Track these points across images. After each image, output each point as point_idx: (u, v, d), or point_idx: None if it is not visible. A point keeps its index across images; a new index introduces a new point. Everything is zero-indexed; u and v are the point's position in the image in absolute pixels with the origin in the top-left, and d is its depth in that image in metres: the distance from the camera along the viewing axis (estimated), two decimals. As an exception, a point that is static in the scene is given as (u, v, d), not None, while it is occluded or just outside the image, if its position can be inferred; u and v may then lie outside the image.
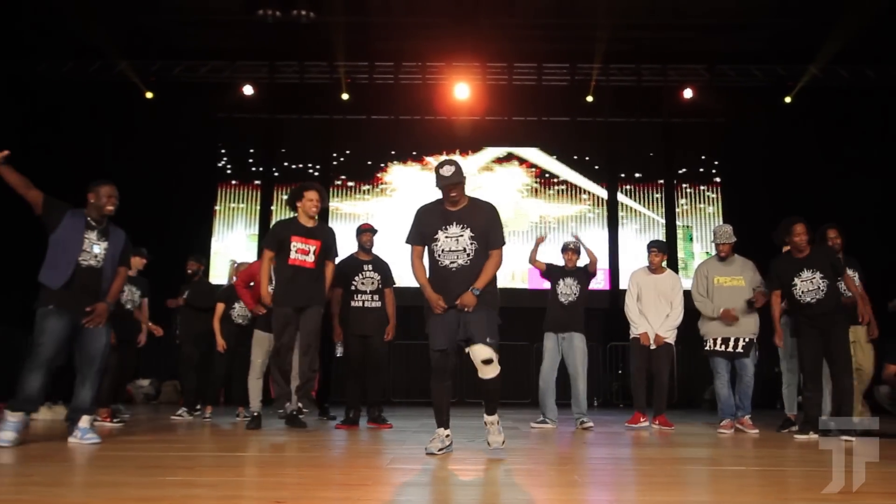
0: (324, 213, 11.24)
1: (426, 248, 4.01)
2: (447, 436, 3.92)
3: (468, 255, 3.90)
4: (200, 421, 6.47)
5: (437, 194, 3.99)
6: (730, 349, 5.79)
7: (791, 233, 5.10)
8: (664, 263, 6.27)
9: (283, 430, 5.37)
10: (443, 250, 3.91)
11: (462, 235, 3.91)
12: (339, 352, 5.91)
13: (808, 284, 5.05)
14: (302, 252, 5.18)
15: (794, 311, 5.20)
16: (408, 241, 4.09)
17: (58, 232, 4.34)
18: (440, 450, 3.83)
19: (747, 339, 5.78)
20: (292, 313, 5.17)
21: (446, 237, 3.92)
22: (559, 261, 6.33)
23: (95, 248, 4.42)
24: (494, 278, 3.94)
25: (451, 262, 3.89)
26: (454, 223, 3.93)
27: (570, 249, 6.26)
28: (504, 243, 3.99)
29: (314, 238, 5.23)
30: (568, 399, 6.57)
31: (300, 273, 5.16)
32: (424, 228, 3.99)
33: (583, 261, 6.29)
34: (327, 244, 5.31)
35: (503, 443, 3.80)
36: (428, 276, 4.02)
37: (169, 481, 3.04)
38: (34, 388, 4.19)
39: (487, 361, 3.75)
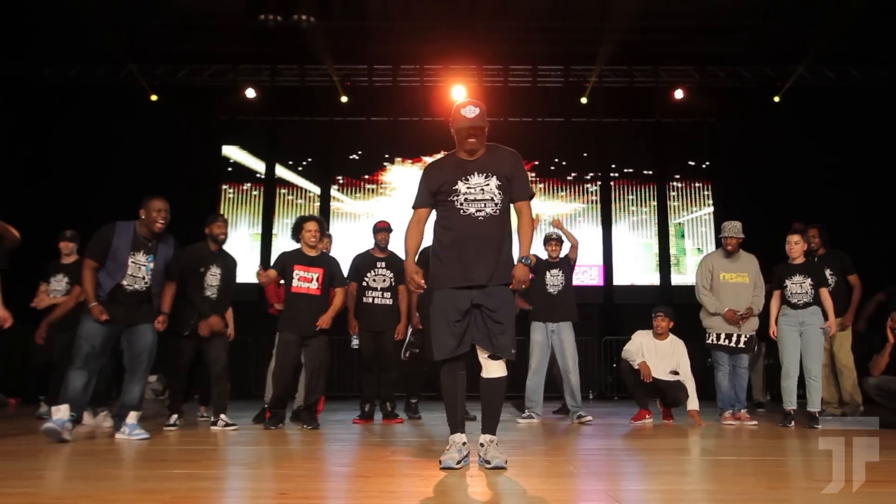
0: (325, 212, 11.55)
1: (439, 205, 3.39)
2: (464, 444, 3.29)
3: (496, 203, 3.30)
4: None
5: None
6: (732, 344, 5.91)
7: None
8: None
9: (287, 425, 5.43)
10: (465, 199, 3.30)
11: (488, 184, 3.31)
12: (355, 343, 6.05)
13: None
14: (304, 280, 5.28)
15: None
16: (413, 206, 3.46)
17: (109, 255, 4.42)
18: (458, 462, 3.19)
19: (749, 336, 5.92)
20: (296, 339, 5.24)
21: (468, 188, 3.31)
22: (542, 253, 6.37)
23: (143, 270, 4.47)
24: (512, 258, 3.38)
25: (478, 211, 3.28)
26: (475, 173, 3.33)
27: (553, 240, 6.29)
28: (533, 195, 3.47)
29: (316, 266, 5.32)
30: (555, 393, 6.72)
31: (303, 300, 5.25)
32: (438, 182, 3.35)
33: (564, 251, 6.33)
34: (330, 271, 5.38)
35: (506, 462, 3.21)
36: (440, 237, 3.37)
37: (175, 474, 3.10)
38: (77, 387, 4.27)
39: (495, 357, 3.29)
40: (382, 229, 6.14)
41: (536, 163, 11.87)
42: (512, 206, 3.44)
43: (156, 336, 4.59)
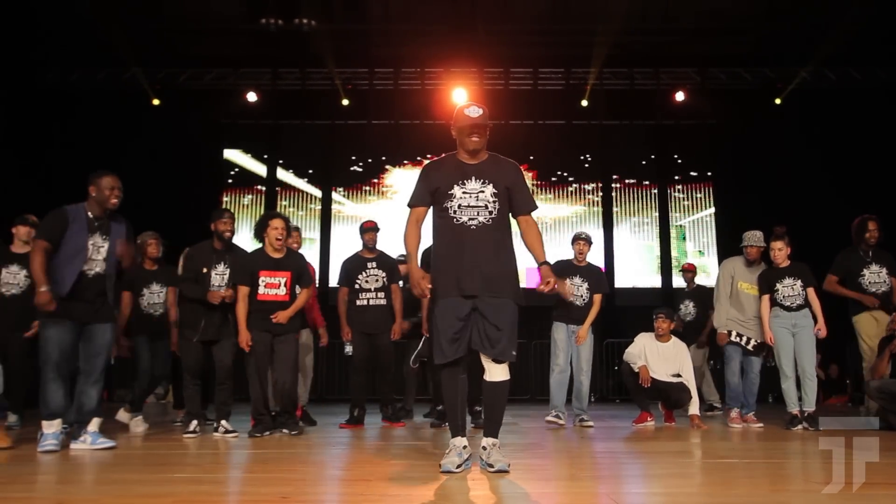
0: (326, 215, 11.56)
1: (434, 209, 3.37)
2: (465, 447, 3.25)
3: (490, 212, 3.25)
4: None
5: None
6: (742, 344, 5.88)
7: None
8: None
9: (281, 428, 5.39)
10: (459, 206, 3.26)
11: (483, 191, 3.26)
12: (348, 350, 5.98)
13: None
14: (271, 286, 5.00)
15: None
16: (410, 204, 3.42)
17: (64, 240, 4.07)
18: (458, 466, 3.14)
19: (759, 341, 5.85)
20: (265, 341, 5.00)
21: (464, 192, 3.27)
22: (569, 253, 6.07)
23: (102, 252, 4.18)
24: (515, 266, 3.31)
25: (470, 219, 3.23)
26: (473, 177, 3.29)
27: (582, 239, 5.99)
28: (536, 208, 3.41)
29: (282, 269, 5.04)
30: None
31: (272, 307, 4.97)
32: (435, 184, 3.33)
33: (597, 258, 6.08)
34: (297, 272, 5.12)
35: (509, 465, 3.15)
36: (436, 245, 3.37)
37: (176, 478, 3.10)
38: (58, 400, 4.00)
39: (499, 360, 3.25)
40: (369, 229, 6.02)
41: (538, 171, 11.89)
42: (514, 219, 3.38)
43: (114, 335, 4.39)
